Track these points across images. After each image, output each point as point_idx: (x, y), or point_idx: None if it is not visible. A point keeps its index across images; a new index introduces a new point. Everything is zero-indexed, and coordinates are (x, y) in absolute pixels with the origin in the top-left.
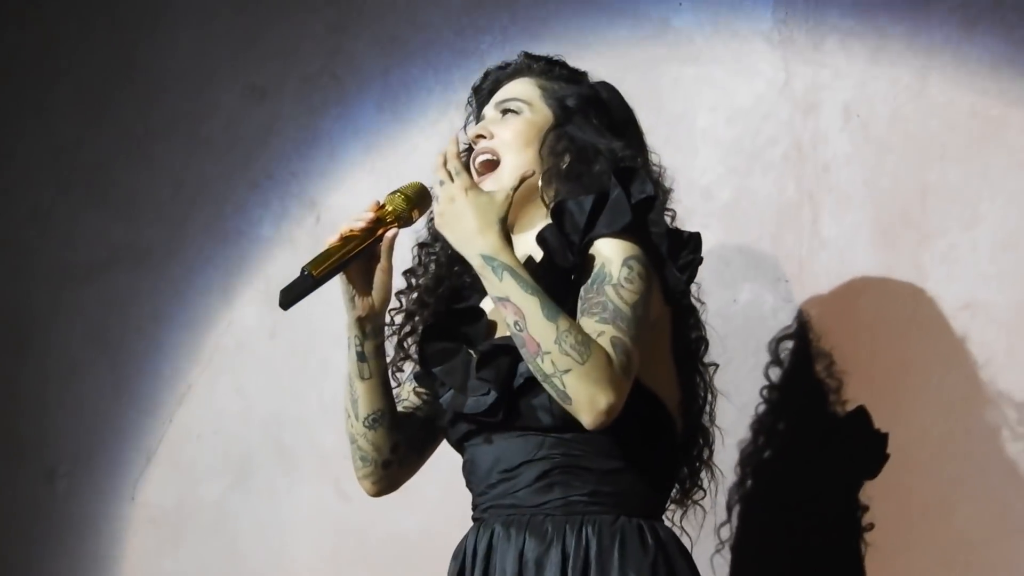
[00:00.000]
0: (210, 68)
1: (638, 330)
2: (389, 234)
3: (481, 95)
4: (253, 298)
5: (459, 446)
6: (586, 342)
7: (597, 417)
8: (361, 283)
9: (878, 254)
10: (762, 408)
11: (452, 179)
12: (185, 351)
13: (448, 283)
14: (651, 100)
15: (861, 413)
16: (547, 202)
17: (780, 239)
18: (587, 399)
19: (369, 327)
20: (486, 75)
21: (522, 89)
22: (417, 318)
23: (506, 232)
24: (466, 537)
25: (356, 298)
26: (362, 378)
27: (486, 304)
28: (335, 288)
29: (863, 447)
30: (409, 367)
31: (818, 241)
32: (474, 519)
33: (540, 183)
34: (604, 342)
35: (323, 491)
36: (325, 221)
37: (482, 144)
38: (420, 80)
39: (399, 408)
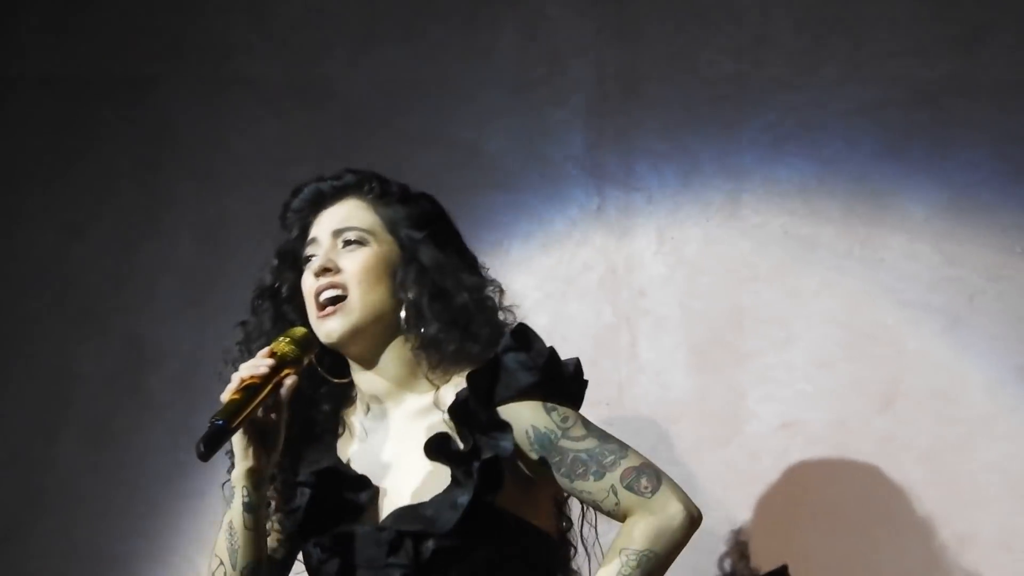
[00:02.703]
0: (19, 203)
1: (614, 440)
2: (288, 381)
3: (303, 213)
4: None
5: None
6: (637, 552)
7: (692, 529)
8: (256, 434)
9: (696, 376)
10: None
11: None
12: None
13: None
14: (465, 228)
15: None
16: (417, 343)
17: (598, 364)
18: (677, 533)
19: (260, 478)
20: (301, 190)
21: (361, 216)
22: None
23: None
24: None
25: (251, 448)
26: (246, 528)
27: (359, 459)
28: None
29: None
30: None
31: (636, 364)
32: None
33: (404, 322)
34: (624, 497)
35: None
36: (148, 356)
37: (327, 279)
38: (236, 212)
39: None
